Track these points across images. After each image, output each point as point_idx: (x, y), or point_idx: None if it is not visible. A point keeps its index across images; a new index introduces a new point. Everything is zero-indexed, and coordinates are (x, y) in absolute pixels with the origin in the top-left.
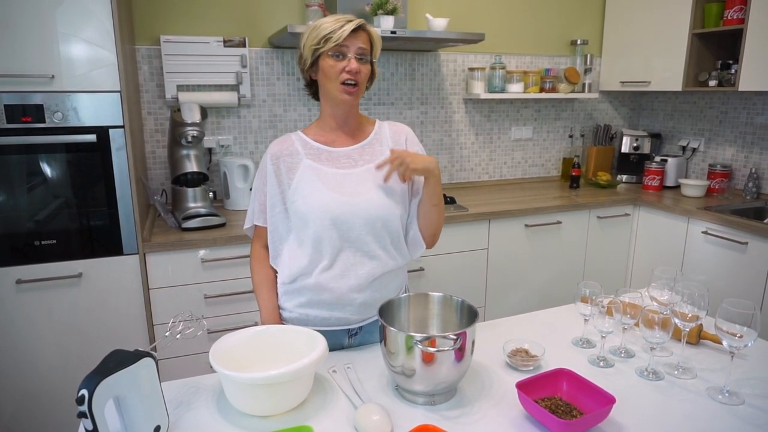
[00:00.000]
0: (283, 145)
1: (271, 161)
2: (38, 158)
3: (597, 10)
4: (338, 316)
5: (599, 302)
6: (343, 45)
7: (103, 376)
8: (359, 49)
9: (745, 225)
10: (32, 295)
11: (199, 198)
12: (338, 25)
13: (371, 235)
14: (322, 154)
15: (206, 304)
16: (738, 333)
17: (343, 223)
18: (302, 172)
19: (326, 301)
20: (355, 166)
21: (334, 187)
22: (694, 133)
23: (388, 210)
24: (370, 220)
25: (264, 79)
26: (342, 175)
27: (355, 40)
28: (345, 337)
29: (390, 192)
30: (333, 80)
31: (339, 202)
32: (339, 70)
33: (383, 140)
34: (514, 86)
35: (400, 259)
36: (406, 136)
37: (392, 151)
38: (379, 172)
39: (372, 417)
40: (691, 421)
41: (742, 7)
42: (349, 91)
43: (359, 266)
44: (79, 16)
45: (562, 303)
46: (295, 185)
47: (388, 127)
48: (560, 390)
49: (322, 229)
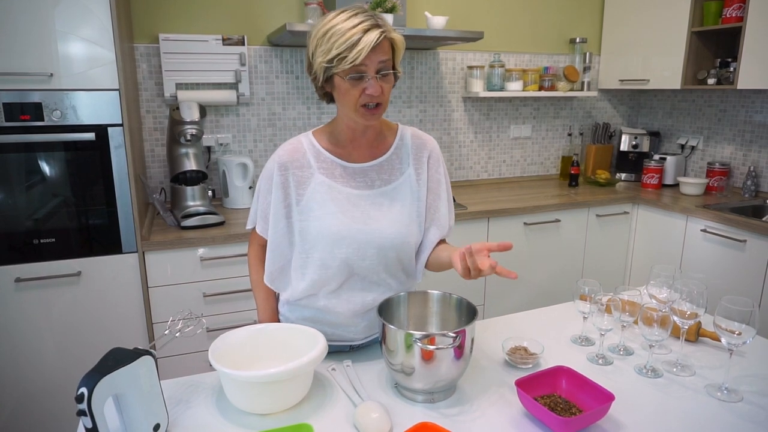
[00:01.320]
0: (293, 156)
1: (279, 171)
2: (37, 157)
3: (596, 8)
4: (341, 334)
5: (598, 300)
6: (361, 64)
7: (102, 374)
8: (380, 64)
9: (743, 223)
10: (31, 294)
11: (198, 196)
12: (354, 39)
13: (382, 264)
14: (336, 170)
15: (205, 303)
16: (736, 330)
17: (355, 251)
18: (314, 188)
19: (330, 321)
20: (371, 186)
21: (347, 210)
22: (693, 131)
23: (402, 239)
24: (383, 248)
25: (263, 78)
26: (356, 197)
27: (374, 56)
28: (346, 350)
29: (406, 219)
30: (351, 103)
31: (351, 229)
32: (357, 94)
33: (403, 157)
34: (513, 84)
35: (408, 283)
36: (429, 154)
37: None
38: (396, 194)
39: (371, 415)
40: (689, 418)
41: (740, 5)
42: (372, 113)
43: (367, 293)
44: (78, 15)
45: (561, 301)
46: (305, 202)
47: (411, 139)
48: (559, 387)
49: (331, 256)
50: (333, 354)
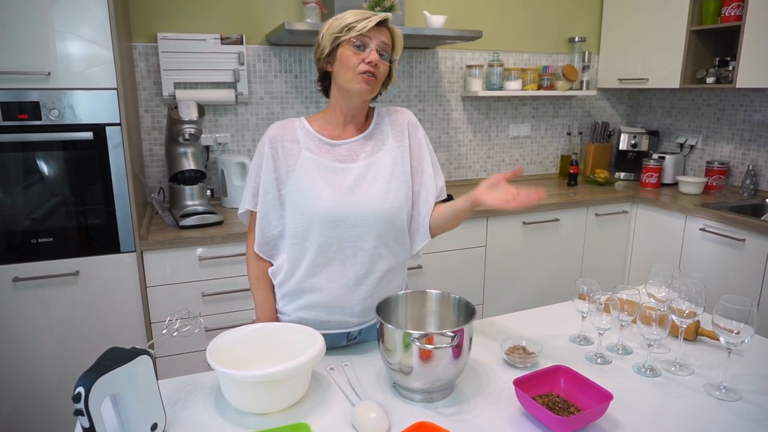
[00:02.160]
0: (284, 130)
1: (269, 144)
2: (35, 156)
3: (595, 7)
4: (338, 320)
5: (597, 299)
6: (365, 35)
7: (99, 373)
8: (381, 43)
9: (742, 222)
10: (29, 293)
11: (196, 196)
12: (363, 17)
13: (372, 232)
14: (322, 147)
15: (203, 302)
16: (735, 329)
17: (343, 220)
18: (302, 163)
19: (324, 303)
20: (356, 159)
21: (334, 181)
22: (692, 130)
23: (391, 206)
24: (371, 217)
25: (261, 77)
26: (342, 170)
27: (378, 34)
28: (344, 340)
29: (393, 186)
30: (350, 70)
31: (338, 199)
32: (358, 61)
33: (384, 129)
34: (512, 84)
35: (402, 255)
36: (407, 123)
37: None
38: (380, 164)
39: (369, 414)
40: (688, 417)
41: (739, 4)
42: (367, 80)
43: (359, 266)
44: (76, 14)
45: (559, 300)
46: (295, 176)
47: (387, 114)
48: (558, 387)
49: (320, 226)
50: (331, 351)
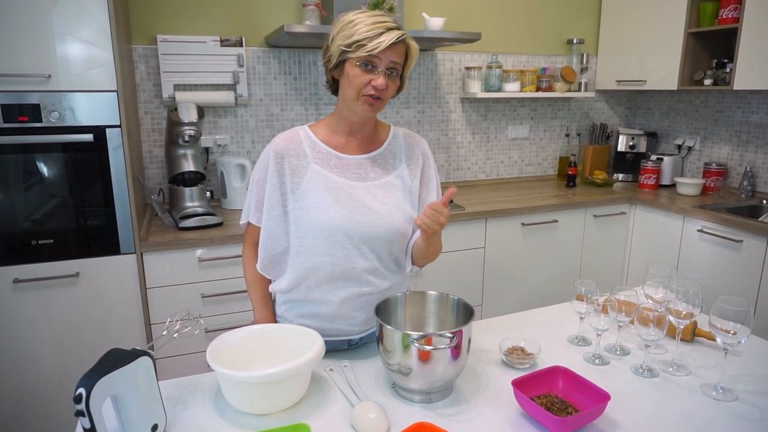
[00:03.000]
0: (289, 144)
1: (274, 159)
2: (35, 158)
3: (593, 9)
4: (339, 328)
5: (595, 300)
6: (375, 57)
7: (100, 374)
8: (391, 63)
9: (739, 223)
10: (29, 295)
11: (196, 197)
12: (375, 32)
13: (375, 253)
14: (331, 160)
15: (203, 303)
16: (732, 330)
17: (349, 240)
18: (309, 177)
19: (327, 314)
20: (365, 178)
21: (342, 199)
22: (690, 131)
23: (396, 230)
24: (377, 238)
25: (261, 79)
26: (351, 187)
27: (389, 54)
28: (345, 345)
29: (400, 211)
30: (356, 89)
31: (346, 218)
32: (364, 82)
33: (396, 152)
34: (510, 85)
35: (400, 274)
36: (422, 153)
37: (435, 208)
38: (389, 187)
39: (368, 415)
40: (685, 418)
41: (736, 6)
42: (371, 102)
43: (363, 282)
44: (76, 16)
45: (558, 301)
46: (301, 191)
47: (404, 137)
48: (556, 387)
49: (326, 244)
50: (331, 353)
